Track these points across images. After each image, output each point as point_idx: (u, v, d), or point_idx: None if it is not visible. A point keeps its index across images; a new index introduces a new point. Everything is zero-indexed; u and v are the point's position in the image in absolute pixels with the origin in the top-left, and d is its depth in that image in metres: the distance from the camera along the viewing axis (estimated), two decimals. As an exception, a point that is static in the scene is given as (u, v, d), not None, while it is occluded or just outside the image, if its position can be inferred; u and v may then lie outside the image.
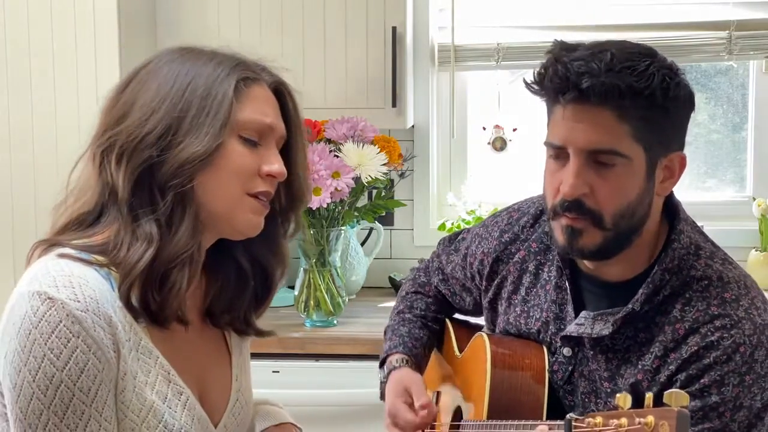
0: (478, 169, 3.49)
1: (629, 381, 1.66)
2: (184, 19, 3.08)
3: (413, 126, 3.34)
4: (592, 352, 1.72)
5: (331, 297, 2.94)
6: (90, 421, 1.34)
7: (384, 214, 3.23)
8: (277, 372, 2.81)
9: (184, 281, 1.41)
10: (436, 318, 2.06)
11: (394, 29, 3.01)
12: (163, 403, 1.42)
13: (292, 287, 3.04)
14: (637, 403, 1.30)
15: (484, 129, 3.44)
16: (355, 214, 3.07)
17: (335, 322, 2.96)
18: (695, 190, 3.45)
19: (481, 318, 1.99)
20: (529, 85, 1.67)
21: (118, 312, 1.38)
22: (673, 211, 1.74)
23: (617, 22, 3.27)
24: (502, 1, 3.35)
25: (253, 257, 1.56)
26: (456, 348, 1.98)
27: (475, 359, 1.83)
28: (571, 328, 1.73)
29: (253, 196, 1.46)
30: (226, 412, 1.55)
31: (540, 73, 1.64)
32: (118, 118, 1.44)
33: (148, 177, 1.41)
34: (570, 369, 1.75)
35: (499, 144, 3.42)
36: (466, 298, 2.01)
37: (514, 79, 3.45)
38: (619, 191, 1.62)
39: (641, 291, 1.66)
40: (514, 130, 3.40)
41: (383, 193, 3.15)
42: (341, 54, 3.05)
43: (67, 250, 1.40)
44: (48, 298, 1.33)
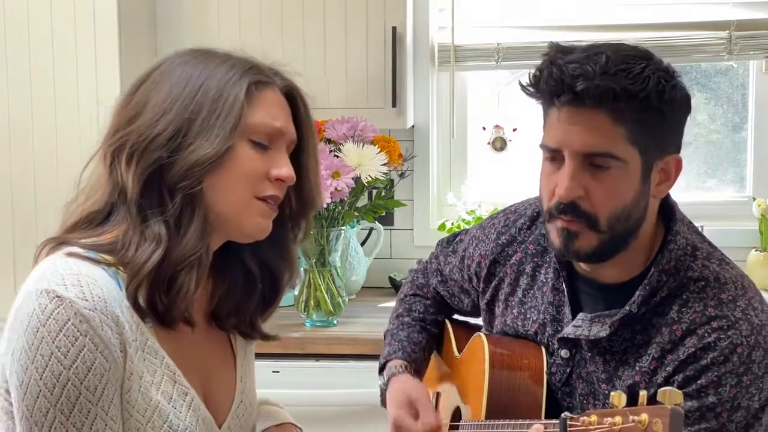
0: (478, 169, 3.49)
1: (627, 383, 1.66)
2: (184, 19, 3.08)
3: (413, 126, 3.34)
4: (589, 354, 1.72)
5: (331, 297, 2.95)
6: (96, 419, 1.34)
7: (384, 214, 3.24)
8: (277, 372, 2.81)
9: (192, 283, 1.41)
10: (435, 320, 2.06)
11: (394, 29, 3.01)
12: (168, 403, 1.42)
13: (292, 287, 3.04)
14: (634, 404, 1.30)
15: (484, 129, 3.44)
16: (355, 214, 3.07)
17: (335, 322, 2.96)
18: (695, 190, 3.45)
19: (481, 319, 1.99)
20: (524, 87, 1.66)
21: (125, 312, 1.38)
22: (670, 213, 1.73)
23: (617, 22, 3.27)
24: (502, 1, 3.35)
25: (261, 261, 1.55)
26: (455, 348, 1.98)
27: (474, 359, 1.83)
28: (568, 330, 1.73)
29: (261, 199, 1.45)
30: (230, 413, 1.55)
31: (535, 76, 1.64)
32: (130, 118, 1.44)
33: (158, 178, 1.41)
34: (568, 371, 1.74)
35: (499, 144, 3.43)
36: (464, 300, 2.01)
37: (514, 79, 3.45)
38: (615, 194, 1.62)
39: (638, 293, 1.66)
40: (514, 130, 3.40)
41: (383, 193, 3.15)
42: (341, 54, 3.05)
43: (75, 249, 1.40)
44: (56, 297, 1.33)
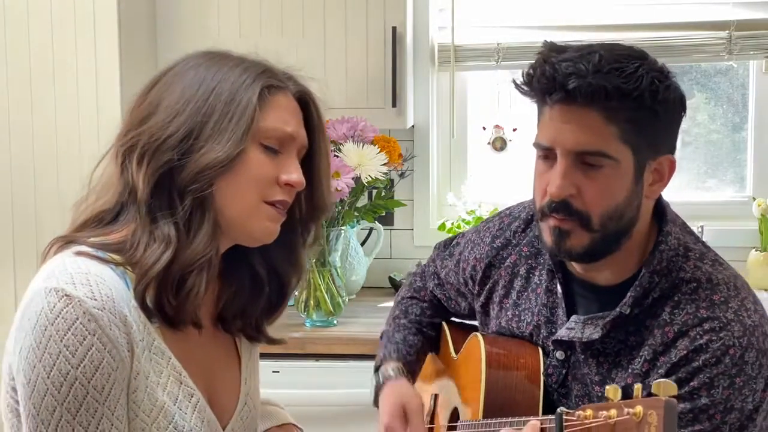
0: (478, 169, 3.49)
1: (620, 385, 1.65)
2: (184, 19, 3.08)
3: (413, 126, 3.34)
4: (583, 356, 1.71)
5: (331, 297, 2.95)
6: (102, 419, 1.34)
7: (384, 214, 3.24)
8: (277, 372, 2.81)
9: (202, 286, 1.41)
10: (432, 323, 2.06)
11: (394, 29, 3.01)
12: (174, 404, 1.42)
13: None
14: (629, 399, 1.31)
15: (484, 129, 3.44)
16: (355, 214, 3.07)
17: (335, 322, 2.96)
18: (695, 190, 3.45)
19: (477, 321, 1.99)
20: (518, 85, 1.66)
21: (133, 311, 1.38)
22: (661, 214, 1.72)
23: (617, 22, 3.27)
24: (502, 1, 3.35)
25: (269, 264, 1.55)
26: (452, 349, 1.98)
27: (471, 360, 1.83)
28: (561, 332, 1.73)
29: (270, 204, 1.45)
30: (234, 415, 1.55)
31: (528, 74, 1.63)
32: (142, 118, 1.44)
33: (168, 180, 1.41)
34: (564, 372, 1.74)
35: (499, 144, 3.43)
36: (461, 303, 2.00)
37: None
38: (607, 193, 1.61)
39: (629, 294, 1.66)
40: (514, 130, 3.40)
41: (383, 193, 3.15)
42: (341, 54, 3.05)
43: (83, 248, 1.40)
44: (65, 295, 1.33)
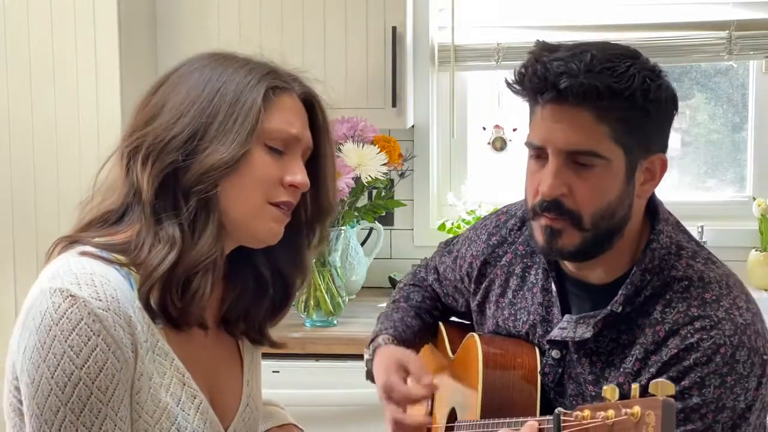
0: (478, 169, 3.49)
1: (612, 384, 1.65)
2: (184, 19, 3.08)
3: (413, 126, 3.34)
4: (576, 356, 1.71)
5: (331, 297, 2.95)
6: (106, 420, 1.34)
7: (384, 214, 3.24)
8: (277, 372, 2.81)
9: (207, 287, 1.41)
10: (431, 312, 2.05)
11: (394, 29, 3.01)
12: (177, 405, 1.42)
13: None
14: (626, 399, 1.31)
15: (484, 129, 3.44)
16: (355, 214, 3.08)
17: (335, 322, 2.97)
18: (695, 190, 3.45)
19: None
20: (509, 85, 1.66)
21: (137, 312, 1.38)
22: (654, 212, 1.72)
23: (617, 22, 3.27)
24: (502, 1, 3.35)
25: (274, 266, 1.55)
26: (449, 350, 1.98)
27: (468, 360, 1.83)
28: (555, 332, 1.73)
29: (275, 205, 1.45)
30: (236, 416, 1.55)
31: (520, 73, 1.63)
32: (147, 119, 1.44)
33: (173, 181, 1.41)
34: (560, 371, 1.74)
35: (499, 144, 3.43)
36: (458, 299, 2.00)
37: (514, 79, 3.45)
38: (598, 192, 1.61)
39: (620, 292, 1.66)
40: (514, 130, 3.40)
41: (383, 193, 3.16)
42: (341, 54, 3.05)
43: (88, 248, 1.40)
44: (70, 296, 1.33)
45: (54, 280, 1.35)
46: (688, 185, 3.45)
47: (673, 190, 3.42)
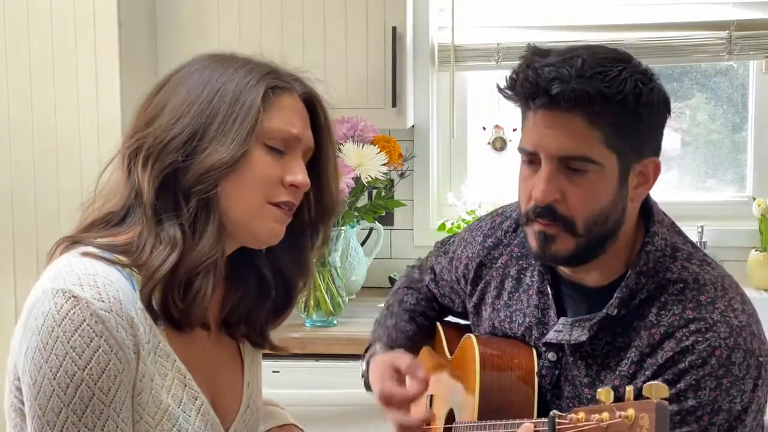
0: (478, 169, 3.49)
1: (608, 387, 1.65)
2: (184, 19, 3.08)
3: (413, 126, 3.34)
4: (572, 358, 1.71)
5: (331, 297, 2.95)
6: (108, 421, 1.34)
7: (384, 214, 3.24)
8: (277, 372, 2.81)
9: (209, 288, 1.41)
10: (425, 313, 2.04)
11: (394, 29, 3.01)
12: (178, 407, 1.42)
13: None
14: (621, 401, 1.31)
15: (484, 129, 3.44)
16: (355, 214, 3.08)
17: (335, 322, 2.97)
18: (695, 190, 3.45)
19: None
20: (501, 90, 1.65)
21: (139, 313, 1.38)
22: (649, 215, 1.71)
23: (617, 22, 3.27)
24: (502, 1, 3.35)
25: (276, 268, 1.55)
26: (446, 351, 1.98)
27: (465, 361, 1.83)
28: (550, 335, 1.72)
29: (275, 205, 1.45)
30: (237, 418, 1.55)
31: (512, 78, 1.63)
32: (148, 121, 1.44)
33: (173, 181, 1.41)
34: (557, 373, 1.74)
35: (499, 144, 3.43)
36: (455, 300, 2.00)
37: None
38: (591, 197, 1.60)
39: (615, 295, 1.65)
40: (514, 130, 3.40)
41: (383, 193, 3.16)
42: (341, 54, 3.05)
43: (90, 249, 1.40)
44: (72, 297, 1.32)
45: (56, 280, 1.35)
46: (688, 185, 3.45)
47: (673, 190, 3.42)
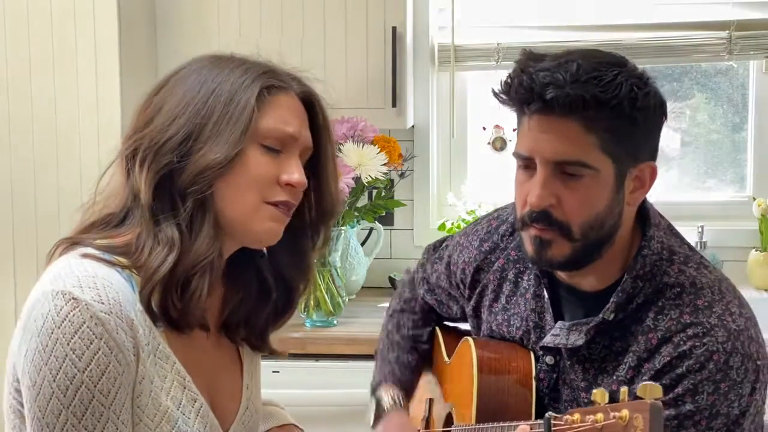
0: (478, 169, 3.49)
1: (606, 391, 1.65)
2: (184, 19, 3.08)
3: (413, 126, 3.34)
4: (569, 362, 1.71)
5: (331, 297, 2.95)
6: (108, 423, 1.34)
7: (384, 214, 3.24)
8: (277, 372, 2.81)
9: (205, 288, 1.41)
10: (423, 335, 2.04)
11: (394, 29, 3.01)
12: (177, 409, 1.41)
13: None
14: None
15: (484, 129, 3.44)
16: (355, 214, 3.08)
17: (335, 322, 2.97)
18: (695, 190, 3.45)
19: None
20: (496, 94, 1.65)
21: (139, 315, 1.37)
22: (645, 218, 1.70)
23: (617, 22, 3.27)
24: (502, 1, 3.35)
25: (277, 270, 1.54)
26: (445, 354, 1.98)
27: (463, 364, 1.83)
28: (547, 339, 1.72)
29: (272, 204, 1.44)
30: (236, 419, 1.54)
31: (506, 83, 1.62)
32: (145, 122, 1.44)
33: (169, 182, 1.41)
34: (554, 377, 1.73)
35: (499, 144, 3.43)
36: (453, 307, 1.99)
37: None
38: (587, 202, 1.60)
39: (612, 300, 1.65)
40: (514, 130, 3.38)
41: (383, 193, 3.16)
42: (341, 54, 3.05)
43: (89, 250, 1.40)
44: (72, 299, 1.32)
45: (56, 282, 1.35)
46: (688, 185, 3.45)
47: (673, 190, 3.42)
